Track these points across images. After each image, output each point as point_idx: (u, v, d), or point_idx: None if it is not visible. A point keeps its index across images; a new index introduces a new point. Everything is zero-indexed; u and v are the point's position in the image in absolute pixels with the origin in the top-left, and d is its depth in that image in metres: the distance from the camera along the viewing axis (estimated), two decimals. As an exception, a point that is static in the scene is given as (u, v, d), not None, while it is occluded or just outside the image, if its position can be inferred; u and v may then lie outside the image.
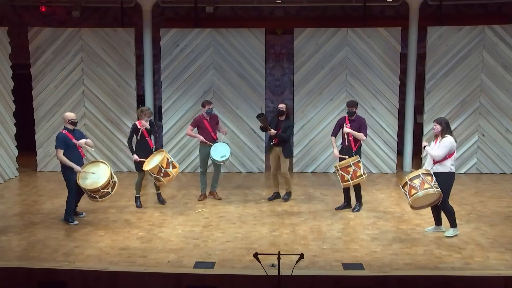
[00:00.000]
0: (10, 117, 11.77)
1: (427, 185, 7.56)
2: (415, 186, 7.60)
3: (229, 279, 6.57)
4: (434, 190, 7.56)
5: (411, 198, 7.65)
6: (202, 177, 9.95)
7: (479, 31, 11.75)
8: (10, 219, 8.87)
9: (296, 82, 12.17)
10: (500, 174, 11.98)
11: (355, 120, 8.96)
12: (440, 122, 7.84)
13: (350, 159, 8.74)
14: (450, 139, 7.72)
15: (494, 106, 11.87)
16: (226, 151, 9.61)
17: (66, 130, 8.42)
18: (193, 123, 9.86)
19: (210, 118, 9.78)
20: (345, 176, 8.73)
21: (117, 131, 12.25)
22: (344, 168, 8.75)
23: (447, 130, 7.80)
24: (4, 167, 11.48)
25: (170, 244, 7.68)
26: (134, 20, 13.31)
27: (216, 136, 9.84)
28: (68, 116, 8.49)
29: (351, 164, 8.69)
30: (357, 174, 8.70)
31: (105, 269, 6.74)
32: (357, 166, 8.72)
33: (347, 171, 8.72)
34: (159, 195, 9.68)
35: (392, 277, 6.58)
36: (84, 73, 12.15)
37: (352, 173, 8.68)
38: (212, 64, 12.11)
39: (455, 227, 7.92)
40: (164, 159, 8.87)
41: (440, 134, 7.80)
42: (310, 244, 7.63)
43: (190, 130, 9.87)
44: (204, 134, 9.71)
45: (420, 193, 7.55)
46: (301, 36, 12.04)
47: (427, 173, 7.69)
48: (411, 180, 7.67)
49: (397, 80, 11.98)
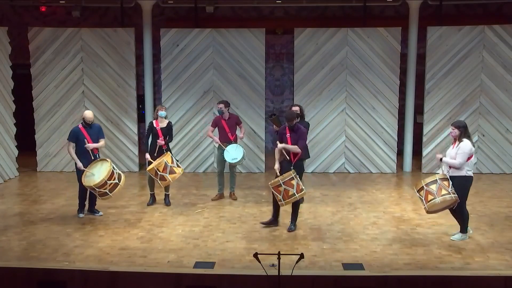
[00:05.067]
0: (10, 117, 11.77)
1: (444, 191, 7.39)
2: (432, 192, 7.42)
3: (229, 279, 6.58)
4: (451, 197, 7.40)
5: (428, 204, 7.48)
6: (220, 178, 10.00)
7: (479, 31, 11.75)
8: (10, 219, 8.88)
9: (296, 82, 12.17)
10: (500, 174, 11.98)
11: (295, 131, 8.23)
12: (458, 126, 7.59)
13: (281, 178, 7.87)
14: (468, 143, 7.50)
15: (494, 106, 11.87)
16: (238, 153, 9.63)
17: (82, 125, 8.79)
18: (213, 124, 9.99)
19: (228, 119, 9.81)
20: (278, 195, 7.91)
21: (117, 131, 12.25)
22: (275, 187, 7.89)
23: (465, 134, 7.56)
24: (4, 167, 11.48)
25: (170, 244, 7.68)
26: (134, 20, 13.31)
27: (234, 137, 9.83)
28: (84, 114, 8.90)
29: (281, 183, 7.80)
30: (288, 193, 7.81)
31: (105, 269, 6.74)
32: (289, 184, 7.80)
33: (278, 191, 7.86)
34: (167, 196, 9.68)
35: (392, 277, 6.58)
36: (84, 73, 12.15)
37: (284, 192, 7.82)
38: (212, 64, 12.11)
39: (464, 233, 7.78)
40: (161, 163, 8.88)
41: (457, 138, 7.58)
42: (310, 244, 7.63)
43: (210, 131, 9.98)
44: (221, 134, 9.80)
45: (437, 200, 7.39)
46: (301, 36, 12.04)
47: (444, 177, 7.51)
48: (427, 185, 7.47)
49: (397, 80, 11.98)
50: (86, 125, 8.79)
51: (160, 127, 9.31)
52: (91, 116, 8.87)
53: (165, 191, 9.66)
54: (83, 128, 8.77)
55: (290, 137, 8.22)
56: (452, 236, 7.83)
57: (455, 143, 7.64)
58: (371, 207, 9.51)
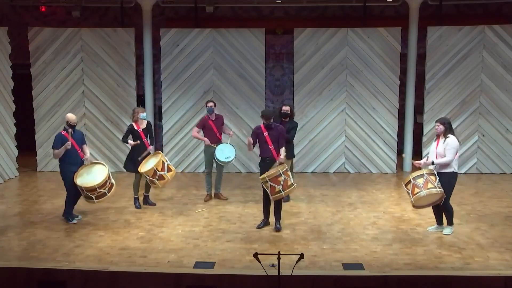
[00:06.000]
0: (10, 117, 11.77)
1: (430, 185, 7.57)
2: (419, 185, 7.60)
3: (229, 279, 6.57)
4: (437, 190, 7.58)
5: (414, 197, 7.66)
6: (208, 178, 9.95)
7: (479, 31, 11.75)
8: (10, 219, 8.87)
9: (296, 82, 12.17)
10: (500, 174, 11.98)
11: (273, 128, 8.22)
12: (443, 123, 7.81)
13: (280, 168, 7.90)
14: (454, 139, 7.73)
15: (494, 106, 11.87)
16: (231, 152, 9.60)
17: (65, 130, 8.51)
18: (199, 124, 9.88)
19: (215, 119, 9.78)
20: (275, 187, 7.86)
21: (117, 131, 12.25)
22: (274, 178, 7.83)
23: (450, 130, 7.80)
24: (4, 167, 11.48)
25: (170, 244, 7.68)
26: (134, 20, 13.31)
27: (222, 137, 9.82)
28: (67, 118, 8.60)
29: (281, 173, 7.83)
30: (288, 183, 7.88)
31: (105, 269, 6.74)
32: (287, 174, 7.89)
33: (277, 181, 7.84)
34: (147, 197, 9.60)
35: (392, 277, 6.58)
36: (84, 73, 12.15)
37: (283, 182, 7.86)
38: (212, 64, 12.11)
39: (452, 225, 8.00)
40: (159, 162, 8.86)
41: (442, 135, 7.79)
42: (310, 244, 7.63)
43: (196, 131, 9.88)
44: (210, 134, 9.71)
45: (423, 193, 7.56)
46: (301, 36, 12.04)
47: (431, 173, 7.69)
48: (414, 179, 7.66)
49: (397, 80, 11.98)
50: (70, 128, 8.51)
51: (142, 129, 9.21)
52: (75, 118, 8.65)
53: (145, 192, 9.56)
54: (66, 133, 8.48)
55: (268, 136, 8.19)
56: (444, 231, 7.97)
57: (438, 140, 7.85)
58: (371, 207, 9.51)
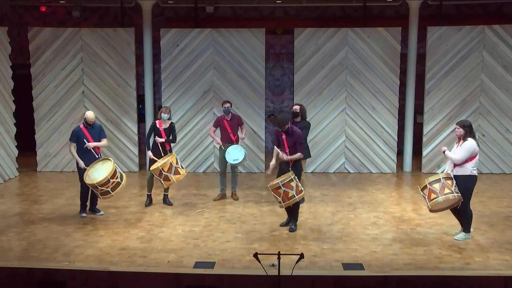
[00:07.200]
0: (10, 117, 11.77)
1: (447, 190, 7.40)
2: (435, 191, 7.43)
3: (229, 279, 6.58)
4: (454, 196, 7.41)
5: (431, 203, 7.50)
6: (222, 178, 10.01)
7: (479, 31, 11.74)
8: (10, 219, 8.88)
9: (296, 82, 12.17)
10: (500, 174, 11.97)
11: (290, 134, 8.18)
12: (463, 125, 7.60)
13: (280, 179, 7.89)
14: (472, 143, 7.50)
15: (494, 106, 11.87)
16: (239, 155, 9.62)
17: (83, 125, 8.84)
18: (215, 124, 10.04)
19: (230, 119, 9.83)
20: (277, 197, 7.93)
21: (117, 131, 12.25)
22: (275, 189, 7.88)
23: (470, 134, 7.58)
24: (4, 167, 11.48)
25: (170, 244, 7.68)
26: (134, 20, 13.31)
27: (236, 138, 9.83)
28: (85, 115, 8.93)
29: (281, 185, 7.79)
30: (288, 195, 7.81)
31: (105, 269, 6.74)
32: (288, 186, 7.79)
33: (277, 193, 7.87)
34: (166, 196, 9.69)
35: (392, 277, 6.58)
36: (84, 73, 12.15)
37: (283, 194, 7.83)
38: (212, 64, 12.11)
39: (467, 233, 7.78)
40: (166, 163, 8.89)
41: (462, 138, 7.59)
42: (310, 244, 7.63)
43: (212, 131, 10.07)
44: (223, 134, 9.83)
45: (440, 199, 7.40)
46: (301, 36, 12.04)
47: (448, 177, 7.51)
48: (431, 184, 7.47)
49: (397, 80, 11.98)
50: (88, 125, 8.83)
51: (163, 128, 9.34)
52: (92, 117, 8.90)
53: (164, 192, 9.66)
54: (84, 128, 8.82)
55: (286, 140, 8.21)
56: (456, 236, 7.82)
57: (459, 142, 7.64)
58: (371, 207, 9.51)
